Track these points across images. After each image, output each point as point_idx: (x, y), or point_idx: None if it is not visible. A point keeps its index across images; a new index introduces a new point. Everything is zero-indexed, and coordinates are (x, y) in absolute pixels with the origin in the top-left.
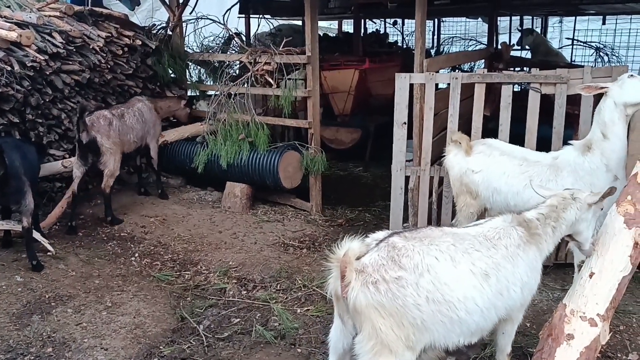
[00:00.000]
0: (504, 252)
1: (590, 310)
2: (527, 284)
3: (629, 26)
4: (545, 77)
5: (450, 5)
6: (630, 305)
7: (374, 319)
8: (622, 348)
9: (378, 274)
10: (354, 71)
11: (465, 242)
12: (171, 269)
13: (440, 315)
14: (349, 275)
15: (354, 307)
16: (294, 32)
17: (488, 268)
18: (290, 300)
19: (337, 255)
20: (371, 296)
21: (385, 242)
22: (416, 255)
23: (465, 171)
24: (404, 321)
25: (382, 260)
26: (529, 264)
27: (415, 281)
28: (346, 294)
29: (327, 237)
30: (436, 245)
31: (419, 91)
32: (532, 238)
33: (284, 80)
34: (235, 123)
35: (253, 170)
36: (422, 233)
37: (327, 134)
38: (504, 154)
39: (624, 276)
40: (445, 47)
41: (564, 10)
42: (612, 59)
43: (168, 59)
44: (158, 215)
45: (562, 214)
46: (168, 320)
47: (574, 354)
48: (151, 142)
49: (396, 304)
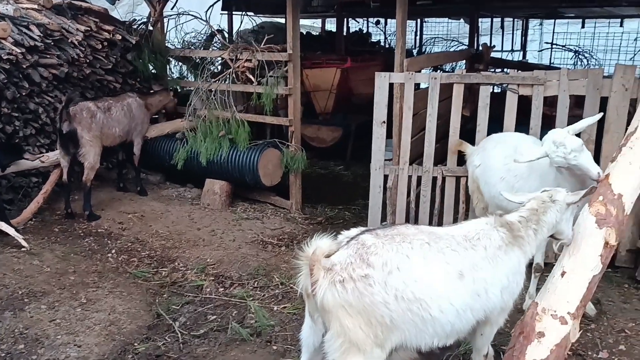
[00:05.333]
0: (482, 253)
1: (561, 308)
2: (507, 287)
3: (607, 30)
4: (522, 78)
5: (432, 6)
6: (602, 304)
7: (341, 317)
8: (593, 346)
9: (346, 272)
10: (335, 70)
11: (441, 241)
12: (148, 265)
13: (410, 313)
14: (317, 273)
15: (322, 305)
16: (277, 30)
17: (463, 268)
18: (267, 297)
19: (306, 253)
20: (338, 295)
21: (356, 240)
22: (385, 253)
23: (473, 168)
24: (372, 319)
25: (350, 259)
26: (510, 267)
27: (383, 279)
28: (315, 292)
29: (306, 235)
30: (408, 243)
31: (399, 90)
32: (515, 240)
33: (265, 77)
34: (215, 120)
35: (233, 167)
36: (396, 230)
37: (309, 132)
38: (499, 145)
39: (595, 275)
40: (428, 47)
41: (544, 13)
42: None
43: (148, 55)
44: (136, 212)
45: (542, 217)
46: (144, 317)
47: (545, 352)
48: (136, 138)
49: (363, 302)
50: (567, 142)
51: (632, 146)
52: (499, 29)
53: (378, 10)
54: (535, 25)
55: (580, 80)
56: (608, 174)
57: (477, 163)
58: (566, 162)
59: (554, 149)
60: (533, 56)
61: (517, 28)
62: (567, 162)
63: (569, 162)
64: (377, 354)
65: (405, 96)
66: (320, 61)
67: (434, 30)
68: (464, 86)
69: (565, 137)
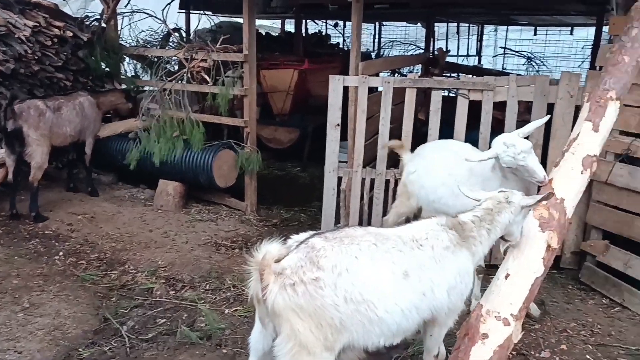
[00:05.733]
0: (429, 252)
1: (505, 310)
2: (455, 288)
3: (558, 37)
4: (473, 84)
5: (390, 10)
6: (547, 305)
7: (292, 321)
8: (536, 346)
9: (296, 276)
10: (293, 71)
11: (388, 242)
12: (97, 268)
13: (358, 314)
14: (267, 278)
15: (273, 309)
16: (235, 30)
17: (409, 268)
18: (219, 300)
19: (256, 258)
20: (289, 298)
21: (305, 244)
22: (335, 255)
23: (407, 174)
24: (322, 322)
25: (300, 262)
26: (458, 267)
27: (333, 281)
28: (265, 296)
29: (260, 237)
30: (356, 245)
31: (354, 94)
32: (465, 241)
33: (221, 78)
34: (169, 120)
35: (187, 168)
36: (344, 233)
37: (266, 133)
38: (437, 151)
39: (537, 277)
40: (386, 50)
41: (498, 19)
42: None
43: (101, 52)
44: (86, 213)
45: (496, 217)
46: (90, 321)
47: (488, 353)
48: (88, 137)
49: (314, 305)
50: (517, 143)
51: (574, 152)
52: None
53: (336, 12)
54: (490, 31)
55: (528, 87)
56: (551, 179)
57: (412, 169)
58: (515, 163)
59: (504, 149)
60: (488, 61)
61: (472, 33)
62: (516, 162)
63: (518, 163)
64: (326, 357)
65: (359, 99)
66: (278, 62)
67: (392, 34)
68: (421, 90)
69: (515, 138)
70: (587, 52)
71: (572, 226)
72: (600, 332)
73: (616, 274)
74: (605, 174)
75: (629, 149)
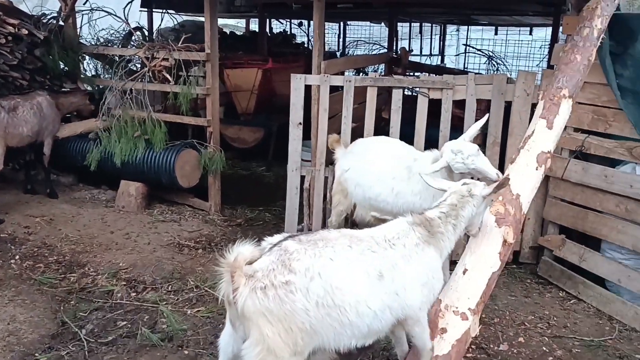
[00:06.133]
0: (401, 251)
1: (462, 304)
2: (427, 284)
3: (517, 37)
4: (432, 82)
5: (353, 10)
6: (505, 299)
7: (261, 325)
8: (494, 339)
9: (267, 279)
10: (257, 70)
11: (362, 244)
12: (56, 271)
13: (329, 318)
14: (238, 280)
15: (242, 312)
16: (198, 29)
17: (383, 268)
18: (181, 301)
19: (227, 259)
20: (259, 302)
21: (278, 246)
22: (308, 258)
23: (342, 172)
24: (293, 326)
25: (272, 265)
26: (427, 263)
27: (305, 286)
28: (235, 299)
29: (224, 237)
30: (331, 248)
31: (316, 92)
32: (433, 237)
33: (182, 77)
34: (130, 120)
35: (149, 168)
36: (319, 235)
37: (230, 132)
38: (371, 149)
39: (494, 272)
40: (351, 50)
41: (459, 19)
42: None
43: (59, 51)
44: (45, 215)
45: (461, 212)
46: (47, 325)
47: (447, 347)
48: (46, 138)
49: (284, 310)
50: (463, 149)
51: (529, 148)
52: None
53: (300, 11)
54: (453, 31)
55: (486, 85)
56: (507, 175)
57: (345, 167)
58: (466, 167)
59: (453, 157)
60: (451, 60)
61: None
62: (467, 166)
63: (469, 167)
64: None
65: (321, 98)
66: (242, 61)
67: (357, 34)
68: (386, 90)
69: (461, 144)
70: (545, 52)
71: (530, 221)
72: (557, 324)
73: (572, 267)
74: (561, 170)
75: (583, 146)
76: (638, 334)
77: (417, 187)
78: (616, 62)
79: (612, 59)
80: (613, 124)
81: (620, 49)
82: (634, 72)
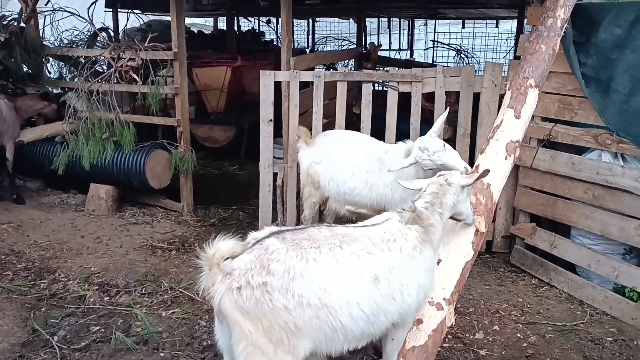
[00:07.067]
0: (398, 254)
1: (437, 295)
2: (422, 286)
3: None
4: (401, 76)
5: (321, 6)
6: (480, 289)
7: (240, 322)
8: (470, 328)
9: (244, 278)
10: (226, 69)
11: (356, 244)
12: (25, 278)
13: (318, 320)
14: (214, 277)
15: (219, 309)
16: (165, 28)
17: (379, 271)
18: (156, 303)
19: (207, 254)
20: (235, 300)
21: (260, 244)
22: (289, 259)
23: (311, 163)
24: (275, 325)
25: (250, 265)
26: (424, 265)
27: (285, 286)
28: (212, 295)
29: (198, 237)
30: (316, 248)
31: (286, 89)
32: (426, 234)
33: (150, 77)
34: (98, 122)
35: (118, 170)
36: (306, 234)
37: (201, 132)
38: (341, 143)
39: (467, 261)
40: (320, 46)
41: (426, 14)
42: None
43: (21, 53)
44: (11, 222)
45: (443, 199)
46: (17, 333)
47: (423, 337)
48: (7, 142)
49: (262, 310)
50: (429, 145)
51: (498, 138)
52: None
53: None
54: (421, 25)
55: (455, 77)
56: (477, 165)
57: (317, 160)
58: (434, 163)
59: (420, 154)
60: (420, 55)
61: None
62: (434, 162)
63: (436, 163)
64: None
65: (291, 95)
66: (211, 60)
67: (326, 30)
68: (357, 85)
69: (427, 140)
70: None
71: (501, 211)
72: (530, 311)
73: (543, 254)
74: (530, 159)
75: (550, 134)
76: (609, 317)
77: (388, 178)
78: (580, 51)
79: (576, 48)
80: (579, 112)
81: (583, 38)
82: (597, 60)
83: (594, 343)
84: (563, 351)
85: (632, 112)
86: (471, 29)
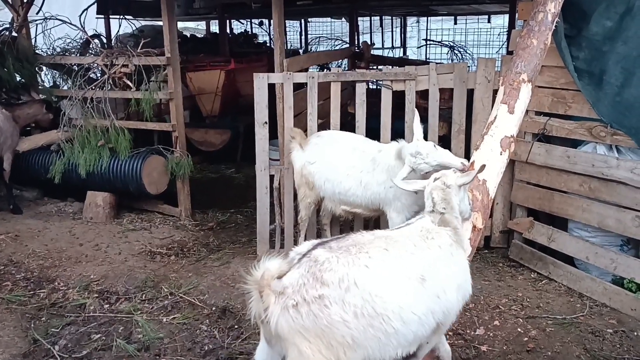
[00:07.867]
0: (438, 252)
1: None
2: (461, 285)
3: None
4: (395, 74)
5: (313, 6)
6: (479, 284)
7: (298, 344)
8: (471, 324)
9: (299, 295)
10: (220, 72)
11: (399, 245)
12: (24, 288)
13: (372, 329)
14: (267, 299)
15: (277, 332)
16: (158, 33)
17: (424, 271)
18: (156, 309)
19: (254, 277)
20: (292, 320)
21: (307, 257)
22: (341, 267)
23: (304, 164)
24: (332, 342)
25: (302, 279)
26: (461, 263)
27: (341, 297)
28: (267, 319)
29: (196, 242)
30: (365, 253)
31: (280, 90)
32: (457, 236)
33: (143, 82)
34: (93, 129)
35: (115, 177)
36: (350, 240)
37: (196, 136)
38: (334, 143)
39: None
40: (313, 46)
41: (418, 11)
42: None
43: (14, 63)
44: (9, 232)
45: (451, 204)
46: (18, 344)
47: None
48: (5, 153)
49: (321, 325)
50: (420, 149)
51: (492, 134)
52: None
53: (260, 11)
54: (413, 23)
55: (448, 74)
56: (473, 162)
57: (311, 160)
58: (430, 165)
59: (414, 160)
60: (413, 52)
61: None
62: (430, 165)
63: (432, 164)
64: None
65: (285, 96)
66: (204, 64)
67: (318, 30)
68: (351, 85)
69: (416, 145)
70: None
71: (498, 206)
72: (530, 305)
73: (542, 248)
74: (525, 154)
75: (545, 128)
76: (608, 309)
77: (381, 177)
78: (571, 44)
79: (568, 42)
80: (572, 105)
81: (574, 32)
82: (588, 53)
83: (594, 335)
84: (564, 344)
85: (625, 104)
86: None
